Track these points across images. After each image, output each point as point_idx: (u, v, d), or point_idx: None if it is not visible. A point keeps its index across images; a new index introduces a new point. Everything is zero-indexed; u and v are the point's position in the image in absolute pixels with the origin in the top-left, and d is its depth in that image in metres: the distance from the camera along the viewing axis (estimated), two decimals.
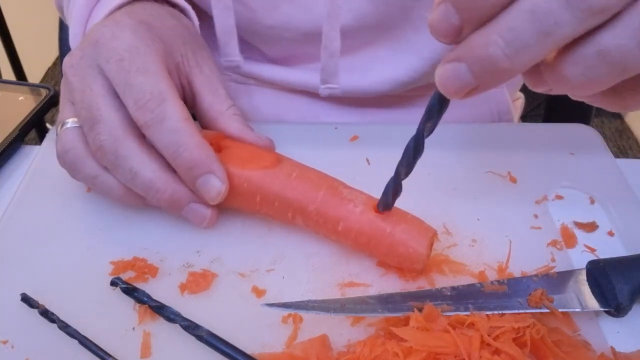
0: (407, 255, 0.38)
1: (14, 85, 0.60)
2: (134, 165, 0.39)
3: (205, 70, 0.45)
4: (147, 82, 0.39)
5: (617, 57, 0.25)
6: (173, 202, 0.41)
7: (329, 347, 0.36)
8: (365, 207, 0.39)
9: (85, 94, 0.40)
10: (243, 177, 0.41)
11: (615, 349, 0.35)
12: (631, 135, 2.01)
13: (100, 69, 0.41)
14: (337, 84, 0.56)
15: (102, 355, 0.35)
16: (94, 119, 0.40)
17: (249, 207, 0.42)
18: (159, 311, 0.37)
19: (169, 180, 0.40)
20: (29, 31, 1.84)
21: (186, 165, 0.39)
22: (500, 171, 0.48)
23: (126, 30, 0.41)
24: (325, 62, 0.55)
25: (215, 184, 0.40)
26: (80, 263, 0.42)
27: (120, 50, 0.40)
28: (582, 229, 0.44)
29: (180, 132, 0.39)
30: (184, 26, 0.47)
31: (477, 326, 0.34)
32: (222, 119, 0.44)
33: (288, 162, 0.42)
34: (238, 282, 0.40)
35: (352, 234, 0.39)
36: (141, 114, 0.39)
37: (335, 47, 0.53)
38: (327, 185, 0.41)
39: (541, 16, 0.24)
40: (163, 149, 0.39)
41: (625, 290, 0.36)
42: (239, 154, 0.43)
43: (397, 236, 0.38)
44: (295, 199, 0.40)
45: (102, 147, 0.39)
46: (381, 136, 0.52)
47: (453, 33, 0.27)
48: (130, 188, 0.41)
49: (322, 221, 0.40)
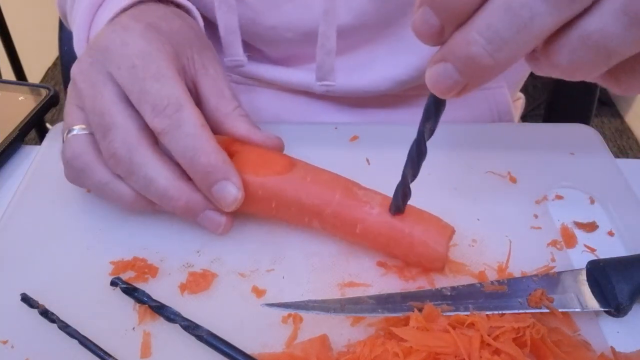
0: (426, 255, 0.39)
1: (14, 85, 0.60)
2: (148, 173, 0.39)
3: (211, 71, 0.45)
4: (163, 89, 0.39)
5: (601, 41, 0.25)
6: (188, 210, 0.41)
7: (329, 347, 0.36)
8: (382, 209, 0.39)
9: (97, 100, 0.40)
10: (257, 184, 0.41)
11: (615, 349, 0.35)
12: (631, 135, 2.01)
13: (111, 75, 0.40)
14: (333, 81, 0.56)
15: (102, 355, 0.35)
16: (106, 126, 0.39)
17: (265, 213, 0.42)
18: (159, 311, 0.37)
19: (184, 188, 0.40)
20: (29, 31, 1.84)
21: (203, 171, 0.39)
22: (500, 171, 0.48)
23: (135, 35, 0.41)
24: (321, 60, 0.55)
25: (231, 190, 0.39)
26: (80, 263, 0.42)
27: (132, 57, 0.40)
28: (582, 229, 0.44)
29: (197, 138, 0.39)
30: (190, 27, 0.47)
31: (477, 326, 0.34)
32: (229, 120, 0.44)
33: (301, 165, 0.42)
34: (238, 282, 0.40)
35: (370, 236, 0.40)
36: (159, 121, 0.39)
37: (332, 45, 0.53)
38: (341, 187, 0.41)
39: (517, 10, 0.24)
40: (179, 154, 0.39)
41: (625, 290, 0.36)
42: (251, 158, 0.42)
43: (416, 236, 0.39)
44: (312, 203, 0.40)
45: (116, 154, 0.39)
46: (381, 136, 0.52)
47: (435, 34, 0.27)
48: (144, 195, 0.41)
49: (340, 224, 0.40)
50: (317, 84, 0.57)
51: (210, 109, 0.44)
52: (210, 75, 0.45)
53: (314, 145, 0.45)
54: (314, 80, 0.57)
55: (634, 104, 2.04)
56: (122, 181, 0.41)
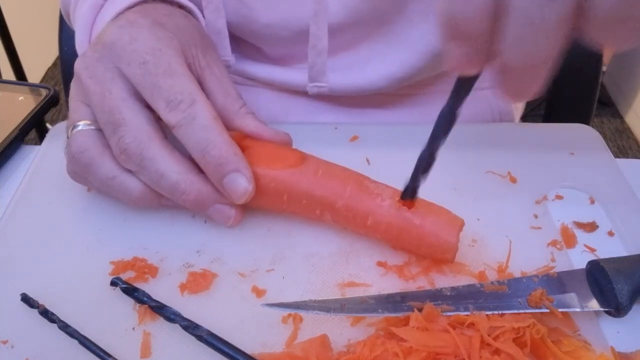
0: (437, 246, 0.39)
1: (14, 85, 0.60)
2: (160, 167, 0.40)
3: (216, 70, 0.45)
4: (175, 84, 0.40)
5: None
6: (198, 203, 0.41)
7: (329, 347, 0.36)
8: (393, 201, 0.40)
9: (105, 97, 0.40)
10: (269, 177, 0.41)
11: (615, 349, 0.35)
12: (631, 135, 2.01)
13: (120, 72, 0.41)
14: (325, 82, 0.56)
15: (102, 355, 0.35)
16: (116, 122, 0.40)
17: (276, 206, 0.43)
18: (159, 311, 0.37)
19: (194, 181, 0.41)
20: (29, 31, 1.84)
21: (215, 163, 0.39)
22: (500, 171, 0.48)
23: (144, 31, 0.41)
24: (312, 60, 0.55)
25: (242, 182, 0.40)
26: (80, 263, 0.42)
27: (142, 53, 0.40)
28: (582, 229, 0.44)
29: (210, 130, 0.39)
30: (194, 26, 0.47)
31: (477, 326, 0.34)
32: (237, 118, 0.44)
33: (312, 160, 0.43)
34: (238, 282, 0.40)
35: (381, 227, 0.40)
36: (173, 115, 0.39)
37: (323, 45, 0.53)
38: (353, 180, 0.41)
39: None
40: (193, 147, 0.40)
41: (625, 290, 0.36)
42: (263, 152, 0.43)
43: (427, 228, 0.39)
44: (323, 195, 0.40)
45: (127, 150, 0.39)
46: (381, 136, 0.52)
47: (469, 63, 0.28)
48: (155, 189, 0.41)
49: (352, 216, 0.40)
50: (309, 84, 0.57)
51: (218, 107, 0.44)
52: (215, 74, 0.45)
53: (314, 145, 0.45)
54: (307, 81, 0.57)
55: (634, 104, 2.04)
56: (129, 175, 0.41)
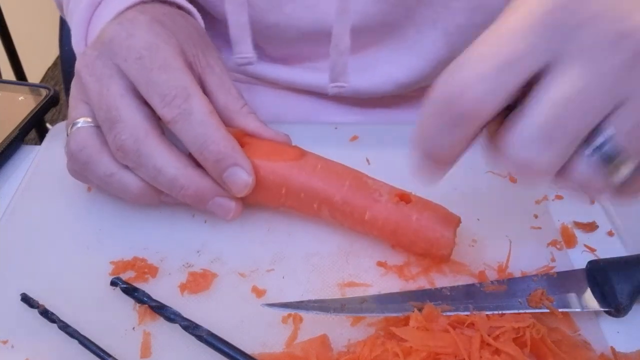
0: (434, 241, 0.39)
1: (14, 85, 0.60)
2: (157, 163, 0.40)
3: (217, 70, 0.45)
4: (171, 79, 0.40)
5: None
6: (198, 197, 0.41)
7: (329, 347, 0.36)
8: (391, 196, 0.40)
9: (103, 94, 0.40)
10: (269, 169, 0.41)
11: (615, 349, 0.35)
12: None
13: (118, 68, 0.41)
14: (345, 82, 0.56)
15: (102, 355, 0.35)
16: (113, 119, 0.40)
17: (274, 200, 0.43)
18: (159, 311, 0.37)
19: (193, 176, 0.40)
20: (29, 31, 1.84)
21: (213, 158, 0.39)
22: (500, 171, 0.48)
23: (141, 27, 0.41)
24: (334, 60, 0.55)
25: (242, 175, 0.40)
26: (80, 263, 0.42)
27: (138, 49, 0.40)
28: (582, 229, 0.44)
29: (207, 125, 0.39)
30: (193, 26, 0.47)
31: (477, 326, 0.34)
32: (238, 117, 0.45)
33: (311, 155, 0.43)
34: (238, 282, 0.40)
35: (378, 222, 0.40)
36: (168, 111, 0.39)
37: (345, 45, 0.54)
38: (352, 176, 0.41)
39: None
40: (190, 142, 0.40)
41: (625, 290, 0.36)
42: (263, 148, 0.43)
43: (423, 223, 0.39)
44: (322, 189, 0.41)
45: (124, 146, 0.39)
46: (381, 136, 0.52)
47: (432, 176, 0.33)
48: (154, 186, 0.41)
49: (349, 211, 0.40)
50: (330, 85, 0.57)
51: (219, 106, 0.44)
52: (216, 74, 0.45)
53: (313, 145, 0.45)
54: (324, 81, 0.57)
55: None
56: (128, 172, 0.41)
